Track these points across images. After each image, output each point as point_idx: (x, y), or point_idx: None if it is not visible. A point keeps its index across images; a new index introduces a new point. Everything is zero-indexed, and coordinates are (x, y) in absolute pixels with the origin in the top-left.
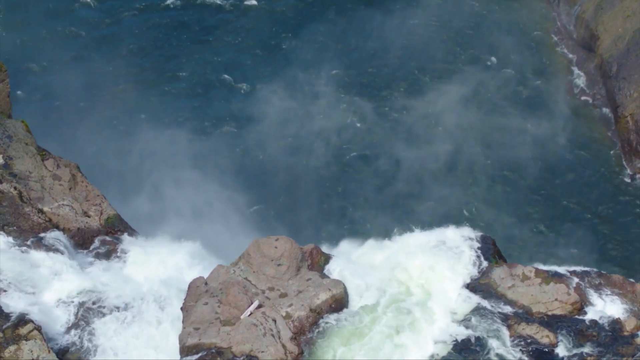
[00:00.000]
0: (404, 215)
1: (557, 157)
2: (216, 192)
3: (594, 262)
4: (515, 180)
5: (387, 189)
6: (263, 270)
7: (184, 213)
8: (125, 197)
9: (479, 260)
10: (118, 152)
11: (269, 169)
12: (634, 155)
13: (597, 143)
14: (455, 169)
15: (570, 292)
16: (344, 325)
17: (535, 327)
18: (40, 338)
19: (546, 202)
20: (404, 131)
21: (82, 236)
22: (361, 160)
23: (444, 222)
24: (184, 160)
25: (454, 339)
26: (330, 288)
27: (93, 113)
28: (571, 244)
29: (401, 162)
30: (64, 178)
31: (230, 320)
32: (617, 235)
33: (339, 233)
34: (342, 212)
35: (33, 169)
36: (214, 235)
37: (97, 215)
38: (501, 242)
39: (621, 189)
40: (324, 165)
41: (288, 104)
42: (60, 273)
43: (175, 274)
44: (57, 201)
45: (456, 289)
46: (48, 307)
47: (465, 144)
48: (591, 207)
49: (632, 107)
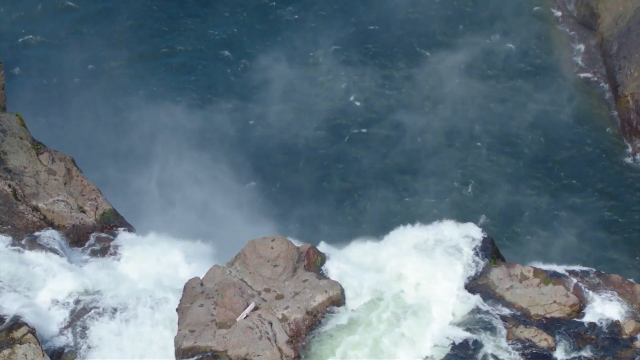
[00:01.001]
0: (404, 192)
1: (556, 135)
2: (215, 168)
3: (592, 245)
4: (515, 156)
5: (387, 164)
6: (259, 271)
7: (181, 189)
8: (122, 173)
9: (477, 260)
10: (116, 128)
11: (267, 144)
12: (634, 134)
13: (597, 122)
14: (455, 142)
15: (569, 293)
16: (341, 327)
17: (533, 330)
18: (35, 341)
19: (545, 179)
20: (405, 104)
21: (77, 233)
22: (361, 134)
23: (444, 198)
24: (182, 135)
25: (451, 341)
26: (326, 290)
27: (90, 88)
28: (570, 223)
29: (401, 135)
30: (59, 173)
31: (226, 322)
32: (618, 216)
33: (338, 212)
34: (341, 188)
35: (28, 163)
36: (210, 211)
37: (92, 211)
38: (500, 218)
39: (621, 168)
40: (323, 140)
41: (287, 77)
42: (55, 273)
43: (171, 272)
44: (52, 197)
45: (454, 289)
46: (42, 309)
47: (465, 117)
48: (591, 186)
49: (633, 87)
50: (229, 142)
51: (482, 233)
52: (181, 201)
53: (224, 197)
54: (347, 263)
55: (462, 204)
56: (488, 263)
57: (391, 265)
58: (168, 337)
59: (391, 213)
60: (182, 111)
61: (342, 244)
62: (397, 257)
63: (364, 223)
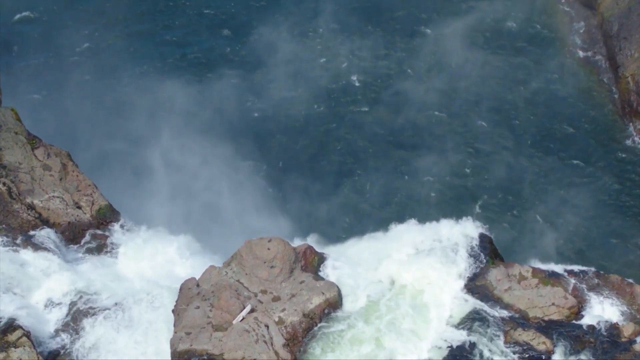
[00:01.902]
0: (404, 169)
1: (555, 114)
2: (212, 146)
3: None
4: (515, 132)
5: (387, 141)
6: (255, 272)
7: (178, 170)
8: (119, 153)
9: (475, 260)
10: (112, 105)
11: (266, 122)
12: (634, 116)
13: (597, 103)
14: (455, 118)
15: (567, 295)
16: (337, 330)
17: (531, 333)
18: (30, 345)
19: (545, 158)
20: (405, 79)
21: (72, 230)
22: (361, 111)
23: (444, 176)
24: (179, 113)
25: (449, 344)
26: (323, 292)
27: (86, 65)
28: (569, 203)
29: (401, 110)
30: (55, 168)
31: (222, 325)
32: (617, 198)
33: (338, 192)
34: (341, 167)
35: (23, 159)
36: (208, 192)
37: (88, 206)
38: (500, 196)
39: (620, 150)
40: (323, 117)
41: (287, 52)
42: (50, 273)
43: (167, 270)
44: (47, 193)
45: (452, 291)
46: (38, 310)
47: (465, 94)
48: (591, 165)
49: (633, 68)
50: (227, 118)
51: (481, 232)
52: (179, 184)
53: (222, 178)
54: (345, 263)
55: (462, 182)
56: (486, 263)
57: (389, 266)
58: (164, 339)
59: (391, 193)
60: (180, 89)
61: (341, 231)
62: (395, 257)
63: (364, 203)
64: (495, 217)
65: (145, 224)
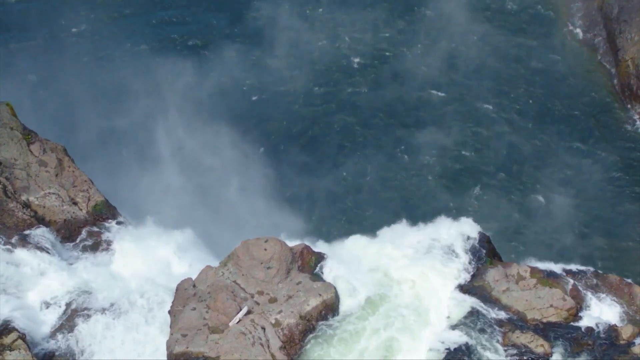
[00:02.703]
0: (404, 148)
1: (554, 96)
2: (210, 127)
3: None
4: (514, 112)
5: (386, 119)
6: (252, 273)
7: (175, 150)
8: (118, 132)
9: (473, 260)
10: (113, 85)
11: (264, 102)
12: (634, 99)
13: (596, 85)
14: (455, 98)
15: (565, 297)
16: (335, 332)
17: (529, 336)
18: (25, 347)
19: (544, 138)
20: (405, 54)
21: (68, 228)
22: (360, 89)
23: (444, 156)
24: (176, 92)
25: (446, 346)
26: (320, 293)
27: (85, 44)
28: (567, 184)
29: (402, 87)
30: (50, 164)
31: (218, 327)
32: (614, 182)
33: (337, 174)
34: (340, 148)
35: (18, 155)
36: (205, 173)
37: (84, 202)
38: (498, 178)
39: (620, 133)
40: (322, 95)
41: (286, 30)
42: (46, 272)
43: (163, 267)
44: (43, 189)
45: (450, 291)
46: (33, 311)
47: (465, 73)
48: (590, 147)
49: (633, 51)
50: (225, 100)
51: (479, 230)
52: (175, 168)
53: (220, 160)
54: (342, 263)
55: (462, 161)
56: (484, 263)
57: (386, 266)
58: (160, 340)
59: (391, 174)
60: (178, 69)
61: (341, 212)
62: (393, 257)
63: (364, 186)
64: (495, 198)
65: (142, 215)
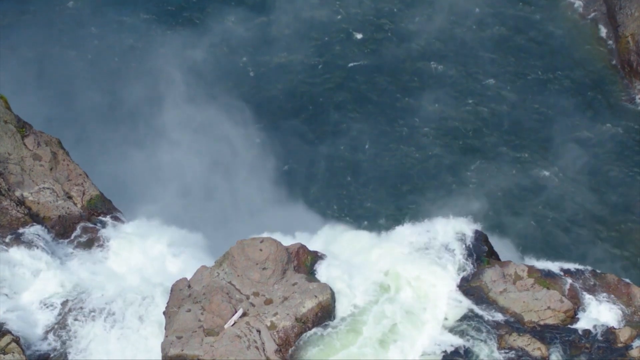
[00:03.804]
0: (404, 124)
1: (553, 70)
2: (209, 100)
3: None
4: (514, 84)
5: (386, 96)
6: (248, 274)
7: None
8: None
9: (471, 259)
10: (105, 57)
11: (262, 79)
12: (634, 76)
13: (596, 61)
14: (455, 72)
15: (563, 298)
16: (330, 334)
17: (526, 339)
18: (19, 350)
19: (544, 113)
20: (405, 27)
21: (63, 224)
22: (360, 65)
23: (444, 130)
24: (172, 68)
25: (443, 349)
26: (316, 295)
27: (82, 14)
28: (566, 157)
29: (402, 59)
30: (45, 158)
31: (213, 329)
32: (610, 156)
33: (336, 149)
34: (339, 123)
35: (12, 150)
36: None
37: (79, 196)
38: (498, 150)
39: (619, 109)
40: (321, 72)
41: (286, 2)
42: (40, 272)
43: (159, 264)
44: (37, 184)
45: (447, 291)
46: (27, 312)
47: (464, 42)
48: (587, 123)
49: (633, 27)
50: (222, 71)
51: (476, 229)
52: (173, 140)
53: (217, 134)
54: (338, 263)
55: (462, 134)
56: (481, 263)
57: (383, 266)
58: (154, 340)
59: (390, 147)
60: (175, 40)
61: (340, 188)
62: (389, 257)
63: (363, 159)
64: (495, 172)
65: (138, 207)
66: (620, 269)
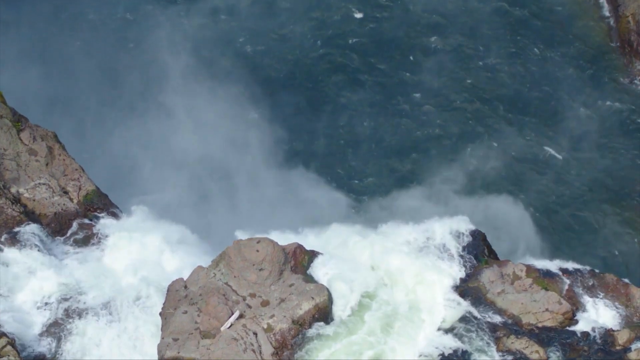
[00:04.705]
0: (403, 101)
1: (553, 49)
2: (206, 77)
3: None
4: (513, 61)
5: (385, 72)
6: (244, 275)
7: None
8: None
9: (468, 259)
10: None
11: (260, 56)
12: (634, 56)
13: (596, 41)
14: (454, 41)
15: (561, 300)
16: (327, 337)
17: (524, 341)
18: (14, 354)
19: (543, 90)
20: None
21: (59, 221)
22: (360, 42)
23: (444, 105)
24: (170, 43)
25: (440, 352)
26: (313, 296)
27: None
28: (565, 136)
29: (402, 29)
30: (41, 153)
31: (210, 331)
32: (608, 135)
33: (335, 127)
34: (337, 102)
35: (8, 145)
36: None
37: (75, 192)
38: (497, 127)
39: (619, 89)
40: (319, 50)
41: None
42: (36, 272)
43: (155, 262)
44: (33, 180)
45: (444, 292)
46: (22, 312)
47: (463, 18)
48: (587, 102)
49: (634, 7)
50: (218, 46)
51: (473, 228)
52: (169, 118)
53: (214, 111)
54: (335, 263)
55: (462, 107)
56: (479, 263)
57: (380, 266)
58: (151, 340)
59: (390, 127)
60: (169, 16)
61: (339, 164)
62: (387, 258)
63: (363, 135)
64: (495, 149)
65: (135, 198)
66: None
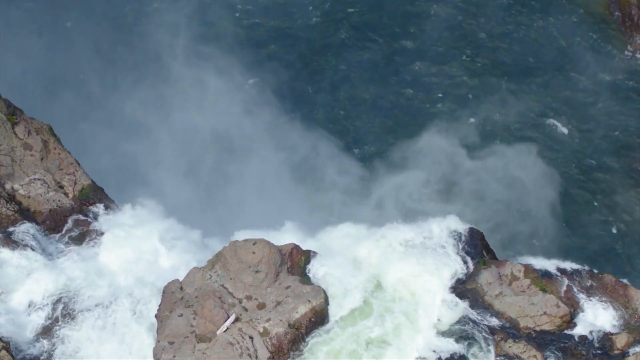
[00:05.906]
0: (403, 78)
1: (551, 24)
2: (203, 52)
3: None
4: (511, 40)
5: (385, 50)
6: (240, 277)
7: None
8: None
9: (466, 260)
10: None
11: (258, 31)
12: (635, 30)
13: (596, 15)
14: (455, 24)
15: (559, 303)
16: (324, 339)
17: (522, 346)
18: (9, 358)
19: (542, 67)
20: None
21: (54, 218)
22: (360, 9)
23: (444, 83)
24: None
25: (437, 355)
26: (309, 299)
27: None
28: (563, 114)
29: (401, 17)
30: (36, 147)
31: (206, 335)
32: (608, 110)
33: (334, 108)
34: (336, 74)
35: (3, 139)
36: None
37: (70, 186)
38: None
39: (619, 64)
40: (317, 25)
41: None
42: (31, 273)
43: (151, 260)
44: (28, 175)
45: (441, 294)
46: (17, 314)
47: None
48: (589, 79)
49: None
50: (215, 20)
51: (471, 228)
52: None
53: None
54: (332, 263)
55: (462, 100)
56: (477, 264)
57: (377, 266)
58: (146, 341)
59: (390, 95)
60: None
61: (339, 126)
62: (384, 257)
63: (364, 105)
64: (492, 130)
65: (132, 191)
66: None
